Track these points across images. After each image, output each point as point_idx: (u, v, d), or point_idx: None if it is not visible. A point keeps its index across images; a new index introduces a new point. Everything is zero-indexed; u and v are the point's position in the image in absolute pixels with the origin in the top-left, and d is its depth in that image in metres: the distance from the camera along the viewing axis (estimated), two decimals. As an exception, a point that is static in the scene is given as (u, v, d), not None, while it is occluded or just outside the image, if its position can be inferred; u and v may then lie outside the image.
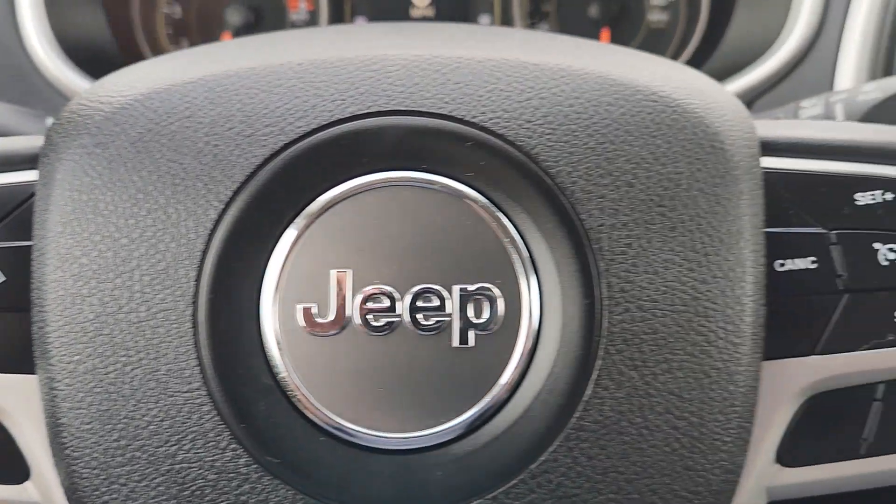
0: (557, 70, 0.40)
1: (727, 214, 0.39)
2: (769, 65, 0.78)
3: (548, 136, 0.38)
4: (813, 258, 0.41)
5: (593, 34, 0.98)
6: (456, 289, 0.37)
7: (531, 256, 0.38)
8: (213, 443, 0.37)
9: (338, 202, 0.38)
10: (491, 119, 0.38)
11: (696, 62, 0.92)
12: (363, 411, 0.37)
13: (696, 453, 0.38)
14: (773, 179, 0.42)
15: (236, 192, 0.38)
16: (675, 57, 0.96)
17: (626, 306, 0.38)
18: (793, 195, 0.41)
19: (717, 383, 0.38)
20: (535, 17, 0.98)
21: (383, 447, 0.37)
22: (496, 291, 0.38)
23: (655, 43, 0.98)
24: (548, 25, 0.98)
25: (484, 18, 0.99)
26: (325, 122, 0.38)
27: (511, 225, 0.38)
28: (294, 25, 0.97)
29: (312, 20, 0.96)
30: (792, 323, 0.41)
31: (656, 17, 0.98)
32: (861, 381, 0.41)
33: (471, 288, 0.37)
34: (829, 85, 0.76)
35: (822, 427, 0.41)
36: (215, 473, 0.37)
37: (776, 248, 0.41)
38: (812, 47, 0.76)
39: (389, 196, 0.38)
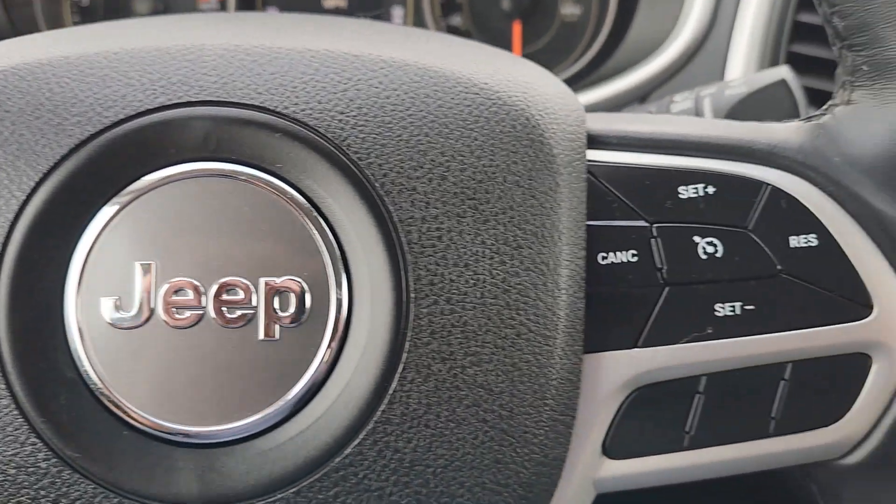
0: (378, 62, 0.40)
1: (542, 207, 0.39)
2: (664, 58, 0.78)
3: (360, 128, 0.38)
4: (634, 251, 0.41)
5: (506, 27, 0.98)
6: (262, 281, 0.37)
7: (341, 249, 0.38)
8: (13, 437, 0.36)
9: (145, 193, 0.37)
10: (303, 110, 0.38)
11: (604, 55, 0.92)
12: (168, 405, 0.37)
13: (505, 446, 0.38)
14: (600, 173, 0.42)
15: (40, 182, 0.37)
16: (585, 50, 0.96)
17: (434, 299, 0.37)
18: (619, 188, 0.41)
19: (528, 376, 0.38)
20: (447, 10, 0.98)
21: (188, 441, 0.37)
22: (304, 284, 0.37)
23: (568, 36, 0.98)
24: (461, 18, 0.98)
25: (397, 10, 0.98)
26: (133, 112, 0.38)
27: (321, 217, 0.38)
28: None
29: (222, 10, 0.95)
30: (614, 316, 0.41)
31: (569, 10, 0.98)
32: (683, 373, 0.41)
33: (277, 281, 0.37)
34: (721, 77, 0.76)
35: (648, 420, 0.42)
36: (14, 468, 0.36)
37: (599, 241, 0.41)
38: (705, 40, 0.77)
39: (198, 187, 0.38)
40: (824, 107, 0.44)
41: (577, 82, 0.92)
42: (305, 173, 0.38)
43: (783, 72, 0.58)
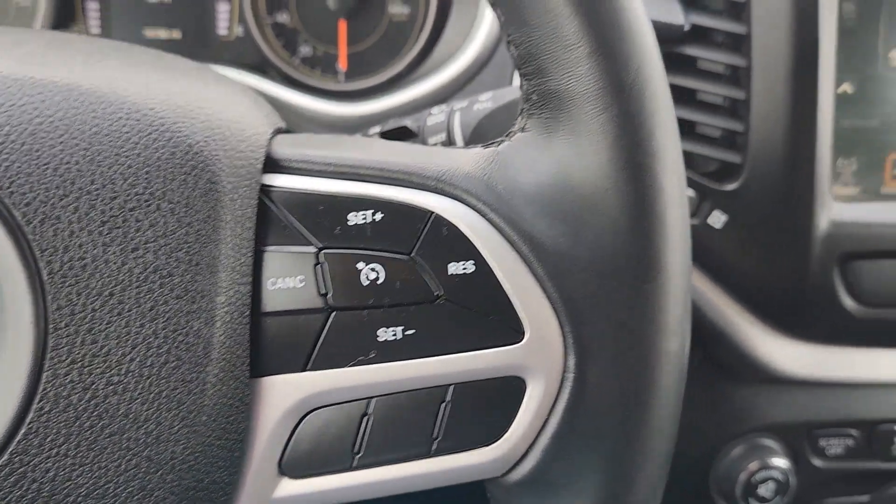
0: (37, 85, 0.40)
1: (198, 234, 0.39)
2: (458, 64, 0.79)
3: (5, 156, 0.38)
4: (301, 277, 0.41)
5: (333, 25, 0.97)
6: None
7: None
8: None
9: None
10: None
11: (423, 55, 0.92)
12: None
13: (151, 473, 0.38)
14: (277, 197, 0.42)
15: None
16: (411, 50, 0.97)
17: (74, 329, 0.38)
18: (294, 213, 0.42)
19: (176, 403, 0.39)
20: (273, 7, 0.97)
21: None
22: None
23: (396, 36, 0.98)
24: (287, 15, 0.98)
25: (222, 6, 0.97)
26: None
27: None
28: (18, 8, 0.94)
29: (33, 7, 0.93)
30: (283, 341, 0.41)
31: (397, 10, 0.98)
32: (351, 396, 0.42)
33: None
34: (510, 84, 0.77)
35: (321, 440, 0.42)
36: None
37: (270, 266, 0.41)
38: (496, 48, 0.78)
39: None
40: (506, 133, 0.45)
41: (398, 81, 0.93)
42: None
43: (525, 88, 0.59)
